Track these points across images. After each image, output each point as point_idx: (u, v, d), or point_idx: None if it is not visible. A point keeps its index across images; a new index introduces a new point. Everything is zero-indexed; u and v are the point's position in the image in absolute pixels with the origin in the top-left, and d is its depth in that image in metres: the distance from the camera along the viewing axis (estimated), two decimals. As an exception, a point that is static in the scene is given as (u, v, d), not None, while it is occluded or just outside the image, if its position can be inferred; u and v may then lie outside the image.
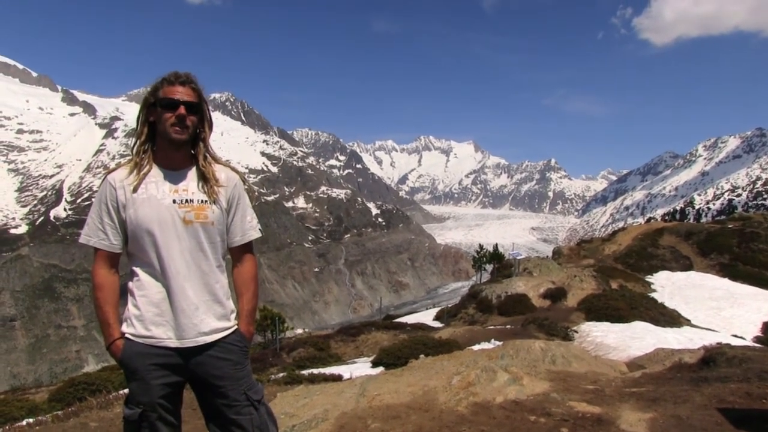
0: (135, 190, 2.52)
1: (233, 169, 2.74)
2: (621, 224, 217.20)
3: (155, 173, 2.58)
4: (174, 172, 2.60)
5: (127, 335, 2.57)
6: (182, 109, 2.53)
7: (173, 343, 2.51)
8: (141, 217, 2.50)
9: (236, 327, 2.67)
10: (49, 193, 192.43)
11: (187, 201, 2.55)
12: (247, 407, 2.61)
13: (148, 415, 2.53)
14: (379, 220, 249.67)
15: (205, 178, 2.60)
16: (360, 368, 12.43)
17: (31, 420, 8.70)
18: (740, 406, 5.12)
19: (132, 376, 2.55)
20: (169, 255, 2.51)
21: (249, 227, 2.72)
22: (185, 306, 2.52)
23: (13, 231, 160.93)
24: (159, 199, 2.52)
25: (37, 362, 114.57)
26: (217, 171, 2.65)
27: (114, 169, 2.61)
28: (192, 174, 2.62)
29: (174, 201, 2.53)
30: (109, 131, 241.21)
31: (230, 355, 2.60)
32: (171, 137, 2.54)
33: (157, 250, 2.52)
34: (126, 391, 2.88)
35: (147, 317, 2.54)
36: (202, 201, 2.56)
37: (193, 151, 2.65)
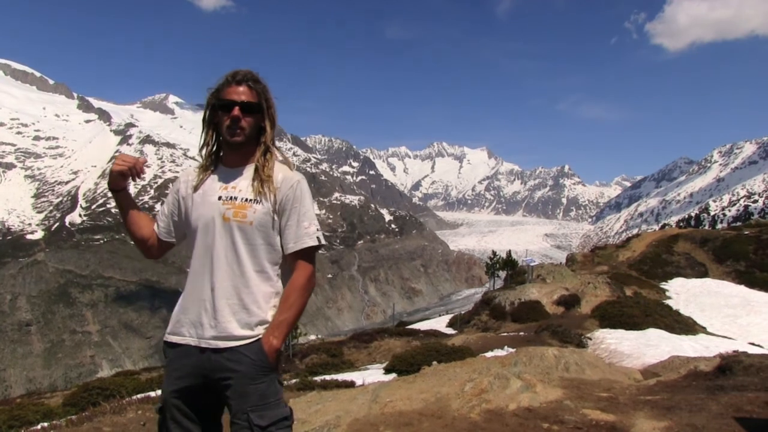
0: (195, 189, 2.54)
1: (297, 171, 2.60)
2: (635, 231, 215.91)
3: (217, 172, 2.58)
4: (231, 169, 2.57)
5: (167, 332, 2.56)
6: (236, 111, 2.47)
7: (193, 341, 2.45)
8: (192, 214, 2.52)
9: (258, 338, 2.42)
10: (65, 199, 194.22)
11: (231, 198, 2.47)
12: (244, 429, 2.36)
13: (164, 409, 2.48)
14: (393, 226, 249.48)
15: (259, 177, 2.50)
16: (373, 375, 12.42)
17: (45, 424, 8.77)
18: (758, 415, 5.06)
19: (165, 369, 2.56)
20: (205, 253, 2.47)
21: (304, 234, 2.46)
22: (209, 307, 2.44)
23: (29, 237, 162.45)
24: (209, 195, 2.51)
25: (52, 367, 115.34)
26: (275, 171, 2.54)
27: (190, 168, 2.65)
28: (248, 172, 2.54)
29: (220, 198, 2.49)
30: (124, 138, 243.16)
31: (239, 367, 2.38)
32: (227, 140, 2.52)
33: (196, 247, 2.50)
34: (139, 396, 2.84)
35: (179, 314, 2.53)
36: (246, 199, 2.46)
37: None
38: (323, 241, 2.51)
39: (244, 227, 2.44)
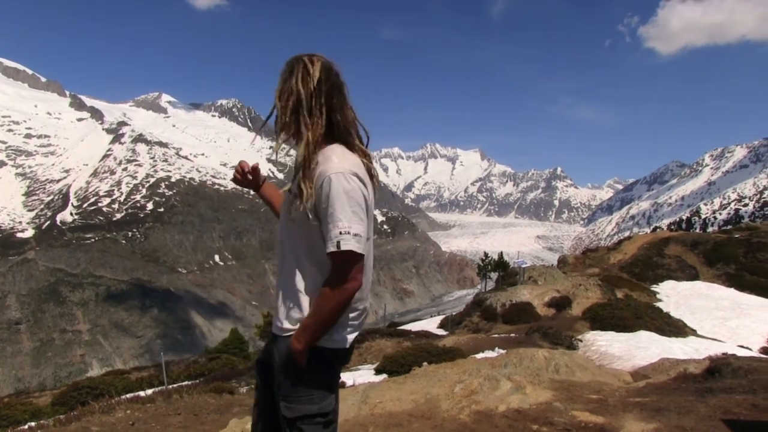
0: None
1: (348, 164, 2.34)
2: (627, 233, 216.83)
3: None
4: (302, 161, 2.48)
5: None
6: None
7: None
8: None
9: (292, 334, 2.42)
10: (56, 197, 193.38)
11: (290, 191, 2.45)
12: (281, 417, 2.47)
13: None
14: (385, 227, 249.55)
15: (298, 171, 2.39)
16: (363, 375, 12.40)
17: (33, 424, 8.72)
18: (746, 417, 5.08)
19: None
20: (277, 243, 2.55)
21: (327, 239, 2.26)
22: (275, 295, 2.55)
23: (19, 235, 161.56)
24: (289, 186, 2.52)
25: (41, 366, 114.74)
26: (320, 164, 2.35)
27: None
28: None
29: (290, 191, 2.47)
30: (116, 136, 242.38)
31: (276, 356, 2.46)
32: None
33: None
34: (129, 395, 2.83)
35: None
36: (294, 194, 2.38)
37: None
38: (345, 246, 2.22)
39: (291, 224, 2.42)
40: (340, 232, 2.22)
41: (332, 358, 2.46)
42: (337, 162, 2.32)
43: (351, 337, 2.48)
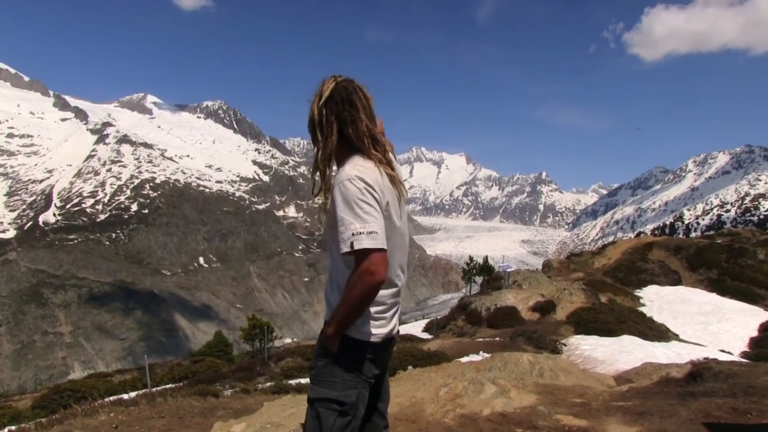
0: None
1: (350, 171, 2.51)
2: (611, 238, 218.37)
3: None
4: None
5: None
6: None
7: None
8: None
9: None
10: (39, 198, 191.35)
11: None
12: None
13: None
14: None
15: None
16: (348, 379, 12.37)
17: (13, 427, 8.61)
18: (726, 420, 5.14)
19: None
20: None
21: (340, 240, 2.43)
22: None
23: (0, 235, 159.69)
24: None
25: (21, 368, 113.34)
26: (338, 172, 2.58)
27: None
28: None
29: None
30: (101, 137, 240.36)
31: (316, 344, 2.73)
32: None
33: None
34: (112, 398, 2.81)
35: None
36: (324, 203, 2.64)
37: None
38: (359, 246, 2.37)
39: (327, 227, 2.63)
40: (353, 234, 2.40)
41: (359, 349, 2.60)
42: (348, 170, 2.51)
43: (380, 331, 2.62)
